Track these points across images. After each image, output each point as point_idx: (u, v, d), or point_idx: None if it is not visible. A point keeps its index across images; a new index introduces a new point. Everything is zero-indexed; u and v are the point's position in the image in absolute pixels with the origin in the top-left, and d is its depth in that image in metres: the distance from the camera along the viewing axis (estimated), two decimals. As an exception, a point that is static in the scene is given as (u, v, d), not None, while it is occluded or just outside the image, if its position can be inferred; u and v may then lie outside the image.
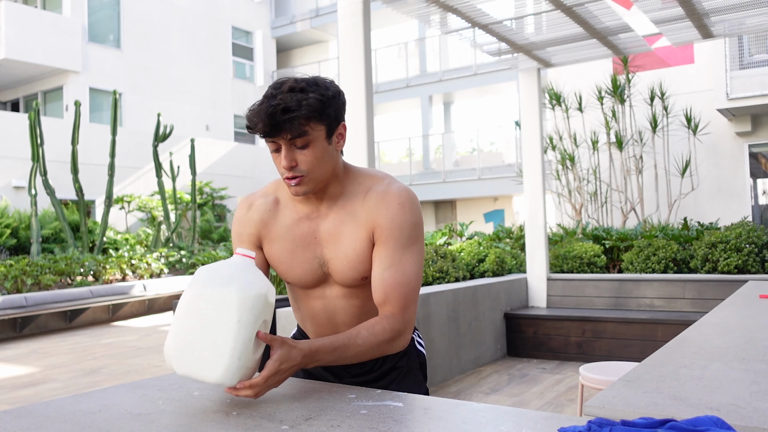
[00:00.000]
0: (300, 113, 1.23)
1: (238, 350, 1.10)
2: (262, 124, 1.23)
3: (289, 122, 1.23)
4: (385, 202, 1.35)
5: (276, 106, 1.22)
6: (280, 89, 1.25)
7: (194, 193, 14.20)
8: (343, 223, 1.37)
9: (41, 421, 1.09)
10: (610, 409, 1.11)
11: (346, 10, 3.78)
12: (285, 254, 1.40)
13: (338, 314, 1.45)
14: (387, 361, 1.51)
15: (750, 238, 5.53)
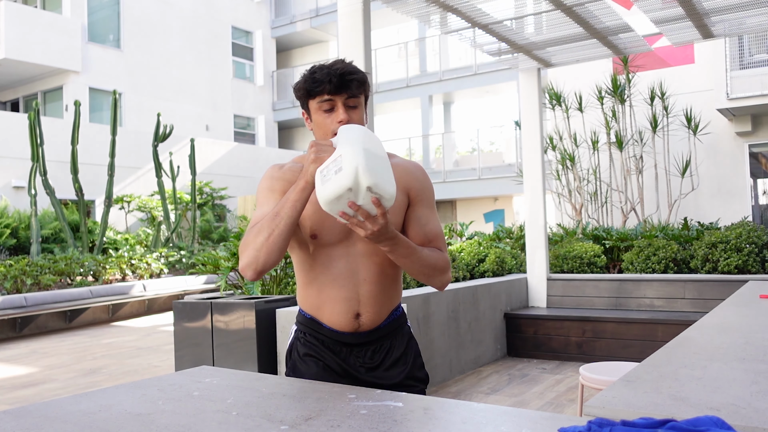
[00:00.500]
0: (358, 77, 1.47)
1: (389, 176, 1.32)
2: (330, 82, 1.44)
3: (351, 82, 1.46)
4: (413, 170, 1.60)
5: (341, 69, 1.45)
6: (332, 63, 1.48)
7: (194, 193, 14.20)
8: None
9: (41, 421, 1.09)
10: (610, 409, 1.11)
11: (346, 10, 3.78)
12: (313, 206, 1.48)
13: (360, 272, 1.54)
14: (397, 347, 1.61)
15: (750, 238, 5.53)
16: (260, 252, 1.39)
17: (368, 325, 1.57)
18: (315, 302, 1.58)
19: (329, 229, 1.50)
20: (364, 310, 1.55)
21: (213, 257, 4.95)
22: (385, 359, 1.59)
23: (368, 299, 1.55)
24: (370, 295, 1.55)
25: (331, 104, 1.47)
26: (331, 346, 1.58)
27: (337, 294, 1.54)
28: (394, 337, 1.62)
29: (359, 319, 1.56)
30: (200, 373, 1.47)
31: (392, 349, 1.61)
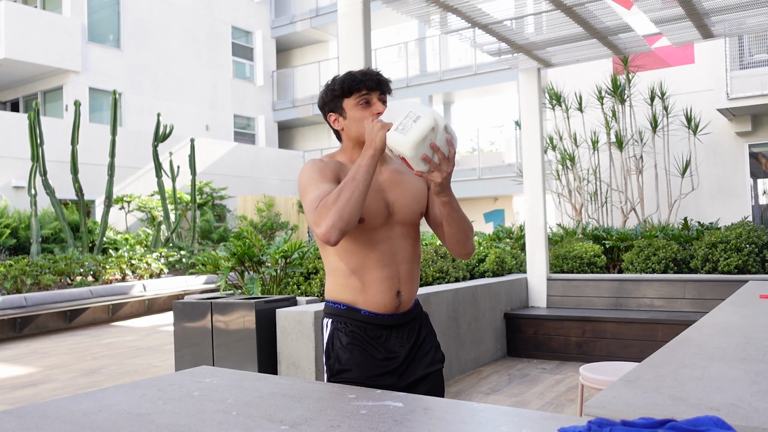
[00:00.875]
0: (387, 79, 1.74)
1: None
2: (373, 81, 1.68)
3: (384, 82, 1.71)
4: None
5: (375, 71, 1.71)
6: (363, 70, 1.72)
7: (194, 193, 14.20)
8: (399, 173, 1.75)
9: (41, 421, 1.09)
10: (610, 409, 1.11)
11: (346, 10, 3.78)
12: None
13: (399, 252, 1.72)
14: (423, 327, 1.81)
15: (750, 238, 5.53)
16: (344, 211, 1.49)
17: (406, 304, 1.74)
18: (358, 286, 1.70)
19: (374, 213, 1.66)
20: (403, 287, 1.73)
21: (213, 257, 4.95)
22: (418, 338, 1.77)
23: (406, 276, 1.73)
24: (407, 273, 1.73)
25: (368, 98, 1.67)
26: (371, 332, 1.70)
27: (381, 274, 1.69)
28: (421, 318, 1.82)
29: (400, 296, 1.72)
30: (200, 373, 1.47)
31: (422, 328, 1.80)
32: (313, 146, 21.52)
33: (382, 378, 1.67)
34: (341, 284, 1.72)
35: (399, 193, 1.72)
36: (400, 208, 1.71)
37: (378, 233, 1.69)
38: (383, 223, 1.70)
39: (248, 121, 20.27)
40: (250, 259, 4.72)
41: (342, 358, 1.68)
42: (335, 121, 1.73)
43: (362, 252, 1.69)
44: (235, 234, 5.29)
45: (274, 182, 18.51)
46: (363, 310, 1.70)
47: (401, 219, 1.72)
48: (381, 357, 1.70)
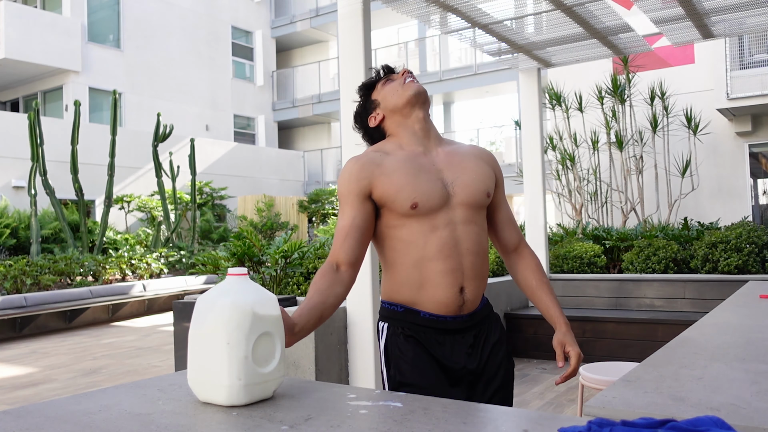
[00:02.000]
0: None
1: (234, 371, 1.12)
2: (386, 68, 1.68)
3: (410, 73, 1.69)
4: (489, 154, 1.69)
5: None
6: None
7: (194, 193, 14.20)
8: (457, 154, 1.61)
9: (41, 421, 1.09)
10: (610, 409, 1.11)
11: (346, 10, 3.78)
12: (408, 177, 1.51)
13: (463, 242, 1.54)
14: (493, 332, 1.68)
15: (750, 238, 5.53)
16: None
17: (470, 303, 1.58)
18: (417, 282, 1.54)
19: (430, 195, 1.50)
20: (467, 283, 1.56)
21: (213, 257, 4.95)
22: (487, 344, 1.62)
23: (471, 271, 1.56)
24: (472, 267, 1.56)
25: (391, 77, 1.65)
26: (433, 338, 1.54)
27: (443, 266, 1.52)
28: (490, 321, 1.69)
29: (463, 294, 1.55)
30: (200, 373, 1.47)
31: (491, 332, 1.65)
32: (313, 146, 21.52)
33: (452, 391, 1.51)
34: (398, 281, 1.56)
35: (459, 171, 1.56)
36: (462, 188, 1.54)
37: (437, 218, 1.51)
38: (442, 206, 1.52)
39: (248, 121, 20.27)
40: (250, 259, 4.72)
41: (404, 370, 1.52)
42: (376, 116, 1.64)
43: (420, 242, 1.52)
44: (235, 234, 5.29)
45: (274, 182, 18.51)
46: (422, 312, 1.54)
47: (463, 200, 1.54)
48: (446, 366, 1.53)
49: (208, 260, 4.90)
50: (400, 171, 1.52)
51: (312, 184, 19.40)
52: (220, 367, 1.13)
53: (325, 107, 19.53)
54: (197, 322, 1.18)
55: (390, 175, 1.51)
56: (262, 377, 1.16)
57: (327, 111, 19.61)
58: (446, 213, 1.52)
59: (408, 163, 1.53)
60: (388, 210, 1.52)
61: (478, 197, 1.56)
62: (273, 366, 1.18)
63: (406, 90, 1.58)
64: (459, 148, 1.64)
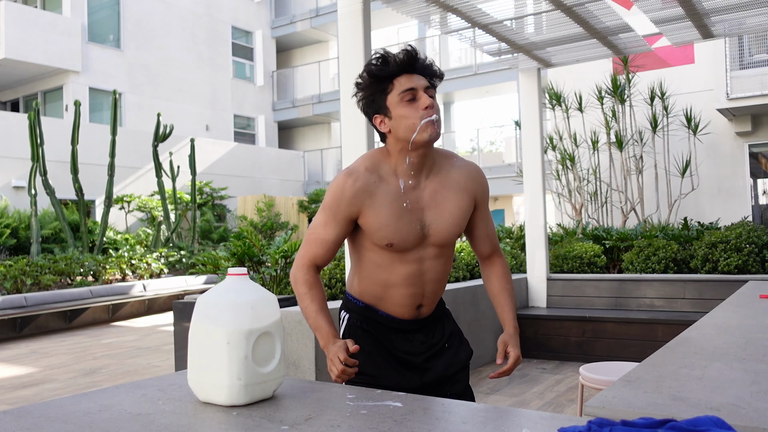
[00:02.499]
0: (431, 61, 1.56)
1: (234, 371, 1.13)
2: (407, 61, 1.49)
3: (429, 65, 1.53)
4: (478, 174, 1.67)
5: (411, 49, 1.50)
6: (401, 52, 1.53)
7: (194, 193, 14.20)
8: (444, 189, 1.60)
9: (41, 421, 1.09)
10: (610, 409, 1.11)
11: (346, 10, 3.78)
12: (391, 218, 1.55)
13: (428, 273, 1.63)
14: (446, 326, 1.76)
15: (750, 238, 5.53)
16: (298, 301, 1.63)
17: (426, 313, 1.70)
18: (379, 296, 1.66)
19: (406, 236, 1.56)
20: (426, 302, 1.68)
21: (213, 257, 4.95)
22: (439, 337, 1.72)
23: (431, 294, 1.67)
24: (433, 291, 1.67)
25: (411, 94, 1.50)
26: (388, 333, 1.67)
27: (405, 292, 1.63)
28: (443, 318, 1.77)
29: (420, 309, 1.68)
30: (200, 373, 1.47)
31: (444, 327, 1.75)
32: (313, 146, 21.52)
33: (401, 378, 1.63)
34: (363, 287, 1.68)
35: (438, 213, 1.58)
36: (437, 231, 1.59)
37: (409, 255, 1.59)
38: (416, 246, 1.59)
39: (248, 121, 20.27)
40: (250, 259, 4.72)
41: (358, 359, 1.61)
42: (381, 123, 1.56)
43: (389, 268, 1.61)
44: (235, 234, 5.29)
45: (274, 182, 18.51)
46: (381, 311, 1.67)
47: (436, 241, 1.60)
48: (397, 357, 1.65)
49: (208, 260, 4.90)
50: (385, 209, 1.55)
51: (312, 184, 19.40)
52: (220, 367, 1.13)
53: (325, 107, 19.53)
54: (197, 322, 1.18)
55: (377, 210, 1.55)
56: (262, 377, 1.16)
57: (327, 111, 19.61)
58: (418, 251, 1.60)
59: (394, 203, 1.56)
60: (367, 236, 1.59)
61: (450, 239, 1.62)
62: (273, 366, 1.18)
63: (422, 132, 1.49)
64: (447, 178, 1.61)
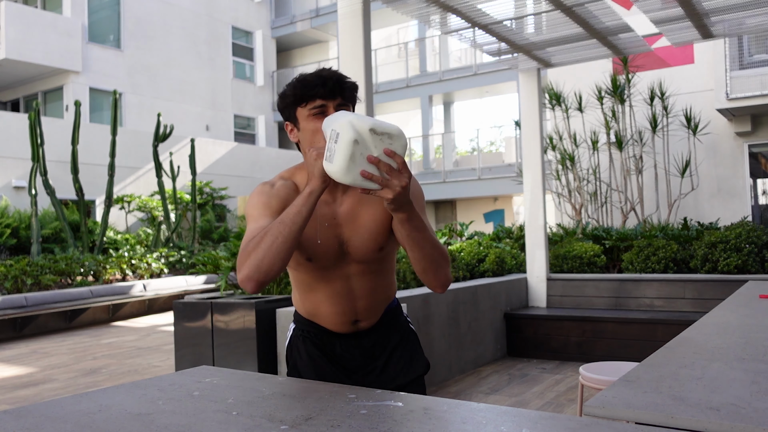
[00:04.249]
0: (351, 83, 1.47)
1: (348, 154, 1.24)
2: (324, 87, 1.42)
3: (347, 87, 1.46)
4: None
5: (333, 74, 1.44)
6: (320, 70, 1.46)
7: (194, 193, 14.20)
8: (360, 203, 1.51)
9: (41, 421, 1.09)
10: (610, 409, 1.11)
11: (346, 10, 3.78)
12: (309, 232, 1.48)
13: (355, 290, 1.57)
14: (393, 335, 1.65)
15: (750, 238, 5.53)
16: (263, 261, 1.33)
17: (366, 326, 1.63)
18: (312, 311, 1.62)
19: (324, 254, 1.50)
20: (362, 317, 1.61)
21: (213, 257, 4.95)
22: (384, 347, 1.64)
23: (365, 311, 1.60)
24: (366, 308, 1.60)
25: (323, 109, 1.44)
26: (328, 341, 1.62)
27: (334, 309, 1.58)
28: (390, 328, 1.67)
29: (357, 324, 1.61)
30: (200, 373, 1.47)
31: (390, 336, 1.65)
32: (313, 146, 21.51)
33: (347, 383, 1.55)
34: (299, 302, 1.64)
35: (354, 229, 1.50)
36: (355, 248, 1.51)
37: (330, 272, 1.53)
38: (337, 262, 1.52)
39: (248, 121, 20.27)
40: (250, 259, 4.71)
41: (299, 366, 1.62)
42: (291, 132, 1.50)
43: (314, 285, 1.57)
44: (235, 234, 5.30)
45: (274, 182, 18.50)
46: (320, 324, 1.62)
47: (357, 258, 1.53)
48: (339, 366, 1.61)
49: (209, 260, 4.90)
50: None
51: (312, 184, 19.38)
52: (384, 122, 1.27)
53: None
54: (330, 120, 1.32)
55: None
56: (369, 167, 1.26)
57: (327, 111, 19.59)
58: (342, 268, 1.53)
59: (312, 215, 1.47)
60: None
61: (370, 255, 1.53)
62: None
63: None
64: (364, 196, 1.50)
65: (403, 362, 1.65)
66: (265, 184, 1.53)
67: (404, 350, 1.67)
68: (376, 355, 1.63)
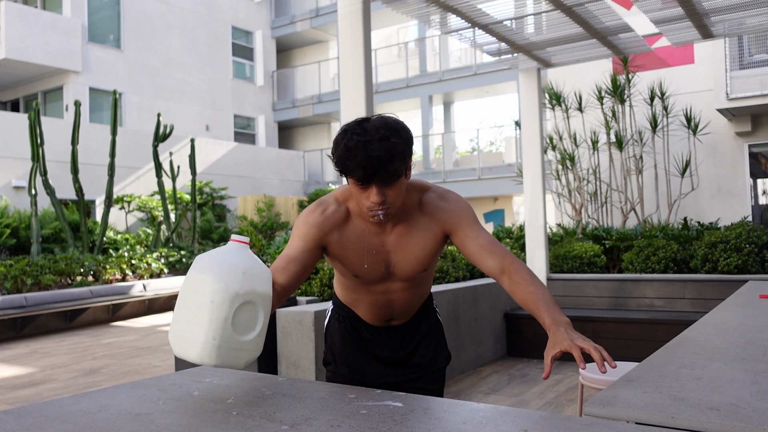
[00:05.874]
0: (393, 166, 1.41)
1: (212, 330, 1.12)
2: (362, 173, 1.40)
3: (385, 172, 1.41)
4: (441, 206, 1.61)
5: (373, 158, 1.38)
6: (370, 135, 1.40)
7: (194, 193, 14.20)
8: (408, 233, 1.59)
9: (41, 421, 1.09)
10: (610, 409, 1.11)
11: (346, 10, 3.78)
12: (356, 258, 1.59)
13: (396, 302, 1.70)
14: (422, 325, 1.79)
15: (750, 238, 5.53)
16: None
17: (399, 323, 1.77)
18: (350, 303, 1.77)
19: (371, 273, 1.61)
20: (396, 317, 1.76)
21: (213, 257, 4.95)
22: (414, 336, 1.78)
23: (400, 314, 1.75)
24: (402, 312, 1.74)
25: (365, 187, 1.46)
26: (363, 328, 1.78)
27: (372, 311, 1.73)
28: (420, 319, 1.80)
29: (390, 321, 1.76)
30: (200, 373, 1.47)
31: (419, 327, 1.79)
32: (313, 146, 21.52)
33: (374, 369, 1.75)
34: (340, 289, 1.79)
35: (402, 256, 1.61)
36: (402, 270, 1.63)
37: (376, 287, 1.66)
38: (381, 280, 1.64)
39: (248, 121, 20.27)
40: (250, 259, 4.71)
41: (336, 345, 1.78)
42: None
43: (357, 291, 1.71)
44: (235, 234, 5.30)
45: (274, 182, 18.51)
46: (356, 313, 1.78)
47: (402, 278, 1.64)
48: (370, 351, 1.76)
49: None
50: (350, 249, 1.57)
51: (312, 184, 19.40)
52: (200, 323, 1.13)
53: (325, 107, 19.54)
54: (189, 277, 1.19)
55: (343, 247, 1.57)
56: (237, 344, 1.15)
57: (327, 111, 19.61)
58: (385, 284, 1.65)
59: (359, 243, 1.57)
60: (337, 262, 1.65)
61: (416, 275, 1.64)
62: (251, 336, 1.18)
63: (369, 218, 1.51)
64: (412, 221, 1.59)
65: (429, 354, 1.79)
66: (320, 204, 1.58)
67: (430, 342, 1.80)
68: (405, 344, 1.77)
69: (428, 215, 1.60)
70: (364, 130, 1.41)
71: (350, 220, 1.58)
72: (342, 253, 1.58)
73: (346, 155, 1.40)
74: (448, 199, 1.62)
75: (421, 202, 1.61)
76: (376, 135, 1.40)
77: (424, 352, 1.79)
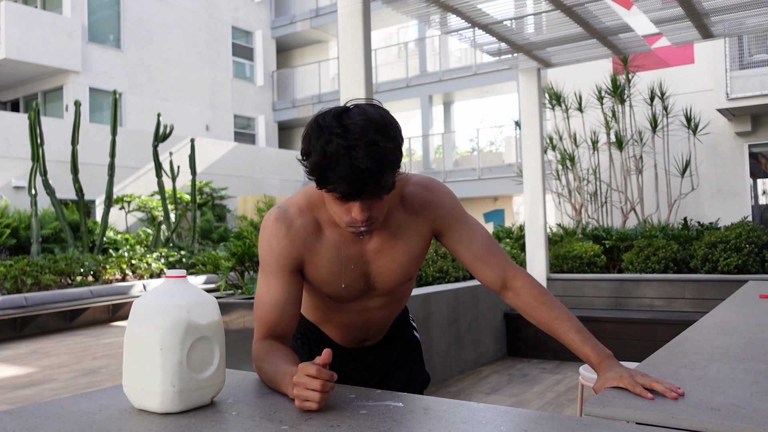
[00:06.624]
0: (384, 179, 1.16)
1: (168, 377, 1.09)
2: (346, 188, 1.14)
3: (374, 185, 1.16)
4: (428, 201, 1.39)
5: (360, 170, 1.12)
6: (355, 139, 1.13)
7: (194, 193, 14.20)
8: (391, 237, 1.36)
9: (41, 421, 1.09)
10: (610, 409, 1.11)
11: (346, 10, 3.78)
12: (333, 276, 1.35)
13: (372, 320, 1.49)
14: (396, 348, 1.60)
15: (750, 238, 5.53)
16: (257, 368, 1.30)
17: (372, 343, 1.58)
18: (319, 321, 1.55)
19: (349, 291, 1.39)
20: (371, 338, 1.56)
21: (213, 257, 4.95)
22: (387, 359, 1.59)
23: (376, 332, 1.56)
24: (377, 331, 1.55)
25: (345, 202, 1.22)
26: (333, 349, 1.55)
27: (347, 332, 1.52)
28: (394, 340, 1.62)
29: (364, 342, 1.57)
30: (200, 373, 1.47)
31: (393, 350, 1.61)
32: (313, 146, 21.50)
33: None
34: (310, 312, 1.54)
35: (385, 264, 1.37)
36: (383, 282, 1.39)
37: (350, 305, 1.43)
38: (359, 297, 1.41)
39: (248, 121, 20.27)
40: (250, 259, 4.72)
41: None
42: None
43: (330, 312, 1.47)
44: (235, 234, 5.29)
45: (274, 182, 18.51)
46: (324, 333, 1.55)
47: (383, 291, 1.42)
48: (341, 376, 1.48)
49: (208, 260, 4.90)
50: (327, 265, 1.34)
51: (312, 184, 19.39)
52: (154, 373, 1.09)
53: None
54: (131, 326, 1.13)
55: (316, 266, 1.34)
56: (198, 383, 1.12)
57: (327, 111, 19.59)
58: (361, 302, 1.43)
59: (335, 257, 1.34)
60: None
61: (399, 286, 1.43)
62: (210, 372, 1.14)
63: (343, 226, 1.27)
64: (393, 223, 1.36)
65: (402, 380, 1.58)
66: (281, 219, 1.31)
67: (404, 366, 1.60)
68: (377, 368, 1.57)
69: (413, 213, 1.37)
70: (345, 129, 1.13)
71: (320, 233, 1.33)
72: (315, 274, 1.35)
73: (326, 163, 1.13)
74: (433, 190, 1.39)
75: (404, 198, 1.37)
76: (362, 139, 1.12)
77: (397, 379, 1.57)
